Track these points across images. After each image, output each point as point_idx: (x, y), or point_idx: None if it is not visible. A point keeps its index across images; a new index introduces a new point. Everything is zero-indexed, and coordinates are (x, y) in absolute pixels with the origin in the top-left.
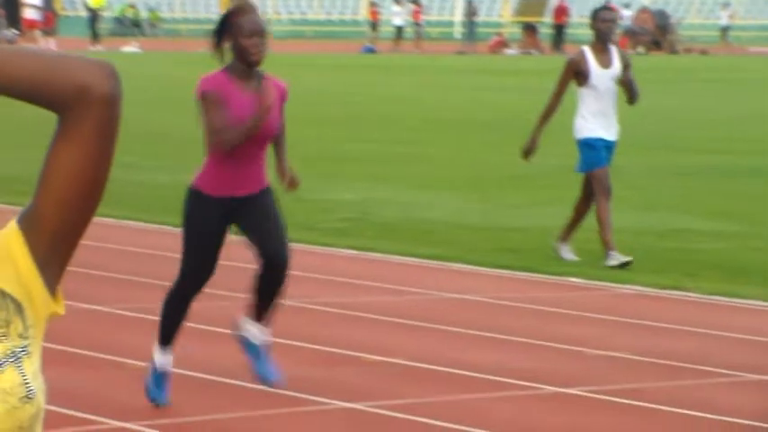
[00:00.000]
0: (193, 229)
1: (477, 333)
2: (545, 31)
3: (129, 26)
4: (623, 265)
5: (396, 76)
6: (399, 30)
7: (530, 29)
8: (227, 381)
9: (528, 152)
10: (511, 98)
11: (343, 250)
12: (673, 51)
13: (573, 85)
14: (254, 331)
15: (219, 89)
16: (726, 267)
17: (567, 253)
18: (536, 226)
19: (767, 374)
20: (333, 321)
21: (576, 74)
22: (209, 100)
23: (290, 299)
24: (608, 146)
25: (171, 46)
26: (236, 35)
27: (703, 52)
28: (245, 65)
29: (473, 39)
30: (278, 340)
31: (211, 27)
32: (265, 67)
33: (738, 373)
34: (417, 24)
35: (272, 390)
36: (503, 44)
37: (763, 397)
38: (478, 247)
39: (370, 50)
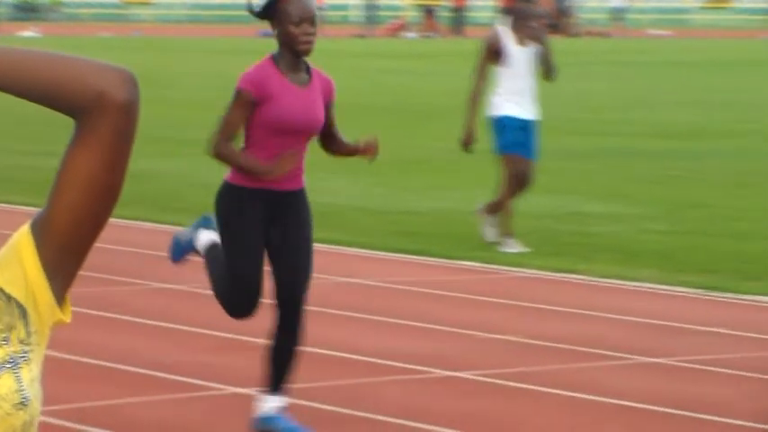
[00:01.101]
0: (229, 226)
1: (370, 317)
2: (445, 15)
3: (28, 11)
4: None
5: None
6: None
7: (428, 12)
8: (121, 366)
9: (468, 143)
10: (410, 82)
11: None
12: (572, 34)
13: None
14: (270, 406)
15: (262, 86)
16: (621, 250)
17: (489, 228)
18: (433, 209)
19: (659, 357)
20: None
21: (494, 53)
22: (240, 99)
23: (182, 284)
24: (524, 125)
25: (71, 30)
26: (284, 22)
27: (602, 35)
28: (294, 55)
29: (373, 22)
30: (170, 325)
31: (112, 12)
32: (162, 53)
33: (630, 356)
34: (319, 8)
35: (165, 376)
36: (402, 27)
37: (653, 379)
38: (375, 231)
39: (268, 35)
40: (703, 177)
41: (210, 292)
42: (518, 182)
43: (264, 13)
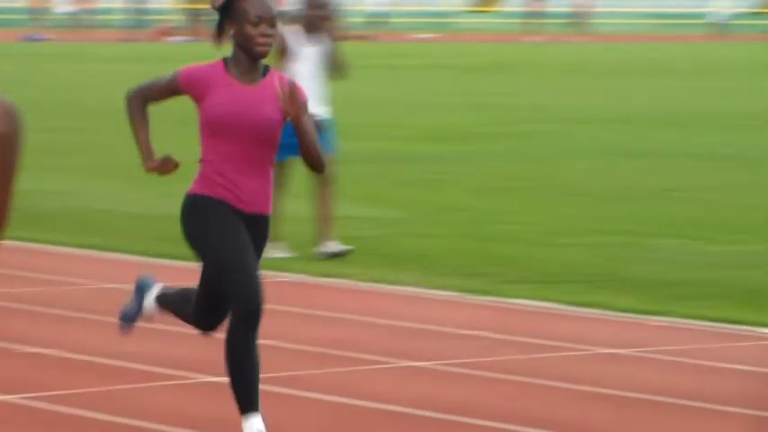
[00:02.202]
0: (201, 225)
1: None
2: (211, 19)
3: None
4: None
5: (60, 64)
6: (69, 17)
7: (195, 16)
8: None
9: None
10: None
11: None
12: (336, 38)
13: None
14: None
15: (196, 83)
16: (383, 254)
17: (331, 244)
18: None
19: (420, 361)
20: None
21: (282, 54)
22: (171, 80)
23: None
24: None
25: None
26: (241, 21)
27: (367, 39)
28: (249, 57)
29: (139, 26)
30: None
31: None
32: None
33: (393, 360)
34: (87, 11)
35: None
36: (167, 32)
37: (416, 383)
38: (142, 236)
39: (33, 39)
40: (466, 180)
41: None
42: (318, 181)
43: (222, 13)
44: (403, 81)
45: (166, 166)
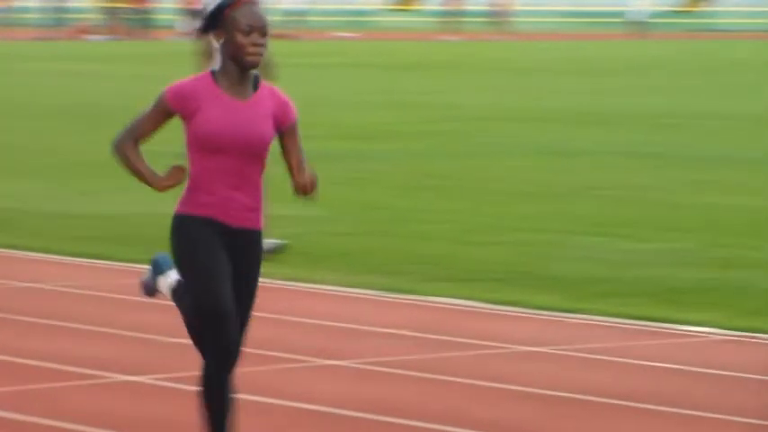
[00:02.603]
0: (185, 250)
1: (47, 322)
2: (129, 17)
3: None
4: None
5: None
6: None
7: (113, 14)
8: None
9: None
10: (93, 84)
11: None
12: None
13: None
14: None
15: (185, 100)
16: (303, 253)
17: (273, 243)
18: (115, 213)
19: (343, 359)
20: None
21: (210, 56)
22: (157, 105)
23: None
24: None
25: None
26: (231, 30)
27: (287, 37)
28: (239, 67)
29: (58, 25)
30: None
31: None
32: None
33: (314, 359)
34: (3, 10)
35: None
36: (86, 30)
37: (338, 382)
38: (51, 235)
39: None
40: (388, 179)
41: None
42: None
43: (209, 21)
44: (324, 80)
45: (177, 179)
